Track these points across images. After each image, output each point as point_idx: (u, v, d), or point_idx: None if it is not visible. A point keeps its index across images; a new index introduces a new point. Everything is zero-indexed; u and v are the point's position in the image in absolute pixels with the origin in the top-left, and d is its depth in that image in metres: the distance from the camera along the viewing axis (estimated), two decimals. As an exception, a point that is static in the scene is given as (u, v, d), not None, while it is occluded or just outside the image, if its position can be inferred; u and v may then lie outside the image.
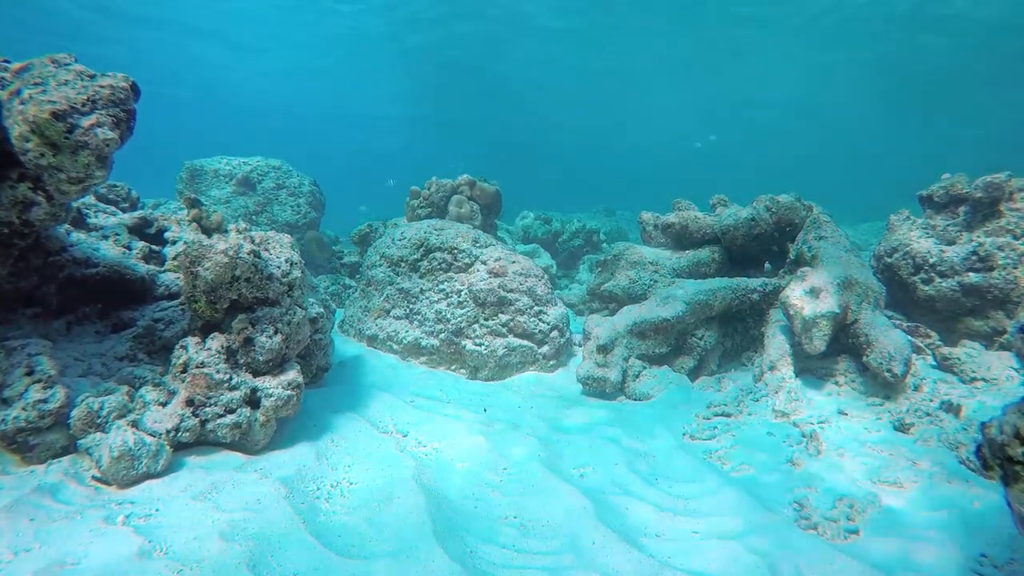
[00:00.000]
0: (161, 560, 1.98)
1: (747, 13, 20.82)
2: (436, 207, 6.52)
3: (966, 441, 3.14)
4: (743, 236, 5.37)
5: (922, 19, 20.46)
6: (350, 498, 2.63)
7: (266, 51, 27.45)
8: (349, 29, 24.28)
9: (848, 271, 4.28)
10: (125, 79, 2.67)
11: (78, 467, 2.48)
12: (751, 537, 2.46)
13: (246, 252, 2.89)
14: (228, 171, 8.45)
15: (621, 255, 5.79)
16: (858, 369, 4.08)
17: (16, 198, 2.58)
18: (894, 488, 2.91)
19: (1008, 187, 4.63)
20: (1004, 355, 4.09)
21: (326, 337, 3.78)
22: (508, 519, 2.63)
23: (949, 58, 23.99)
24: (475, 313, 4.68)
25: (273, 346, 2.95)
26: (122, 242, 3.65)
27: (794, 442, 3.43)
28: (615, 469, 3.14)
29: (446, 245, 4.89)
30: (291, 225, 8.22)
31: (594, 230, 10.17)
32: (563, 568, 2.25)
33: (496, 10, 21.62)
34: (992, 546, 2.36)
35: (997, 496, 2.61)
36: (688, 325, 4.66)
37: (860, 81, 27.97)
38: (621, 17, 21.92)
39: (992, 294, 4.51)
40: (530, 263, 5.05)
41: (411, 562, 2.13)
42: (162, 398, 2.76)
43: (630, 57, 26.16)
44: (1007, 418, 1.75)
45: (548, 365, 4.80)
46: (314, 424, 3.25)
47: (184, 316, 3.27)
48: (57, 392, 2.51)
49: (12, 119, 2.47)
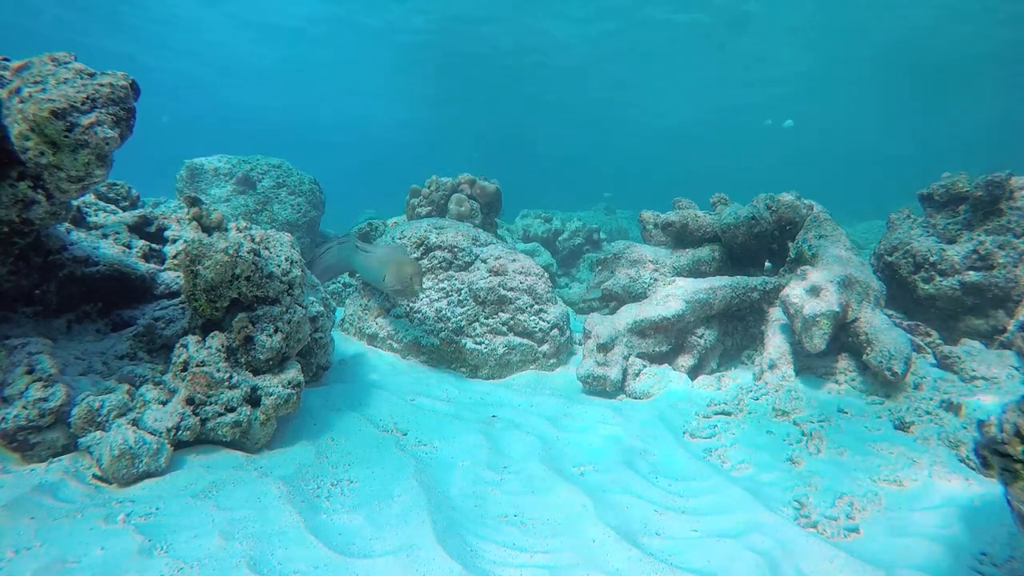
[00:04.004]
0: (161, 558, 1.98)
1: (746, 9, 20.80)
2: (436, 205, 6.51)
3: (966, 439, 3.14)
4: (743, 234, 5.36)
5: (923, 17, 20.43)
6: (350, 496, 2.63)
7: (266, 50, 27.44)
8: (348, 24, 24.25)
9: (848, 270, 4.27)
10: (125, 77, 2.66)
11: (78, 465, 2.48)
12: (751, 535, 2.46)
13: (246, 250, 2.89)
14: (228, 170, 8.44)
15: (621, 254, 5.79)
16: (858, 368, 4.08)
17: (16, 196, 2.58)
18: (894, 486, 2.91)
19: (1009, 185, 4.63)
20: (1004, 353, 4.09)
21: (326, 335, 3.78)
22: (508, 517, 2.63)
23: (950, 57, 23.97)
24: (475, 311, 4.68)
25: (273, 345, 2.95)
26: (122, 241, 3.65)
27: (794, 440, 3.44)
28: (615, 467, 3.14)
29: (446, 244, 4.89)
30: (291, 223, 8.21)
31: (594, 228, 10.17)
32: (563, 566, 2.25)
33: (497, 7, 21.60)
34: (992, 544, 2.36)
35: (997, 494, 2.62)
36: (688, 323, 4.66)
37: (860, 79, 27.95)
38: (622, 16, 21.90)
39: (992, 292, 4.51)
40: (530, 261, 5.05)
41: (412, 560, 2.13)
42: (162, 397, 2.76)
43: (630, 56, 26.13)
44: (1007, 416, 1.75)
45: (548, 363, 4.80)
46: (314, 422, 3.25)
47: (184, 314, 3.27)
48: (57, 390, 2.51)
49: (11, 117, 2.46)
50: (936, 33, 21.78)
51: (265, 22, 24.75)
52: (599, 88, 31.86)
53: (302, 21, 24.64)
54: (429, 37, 25.32)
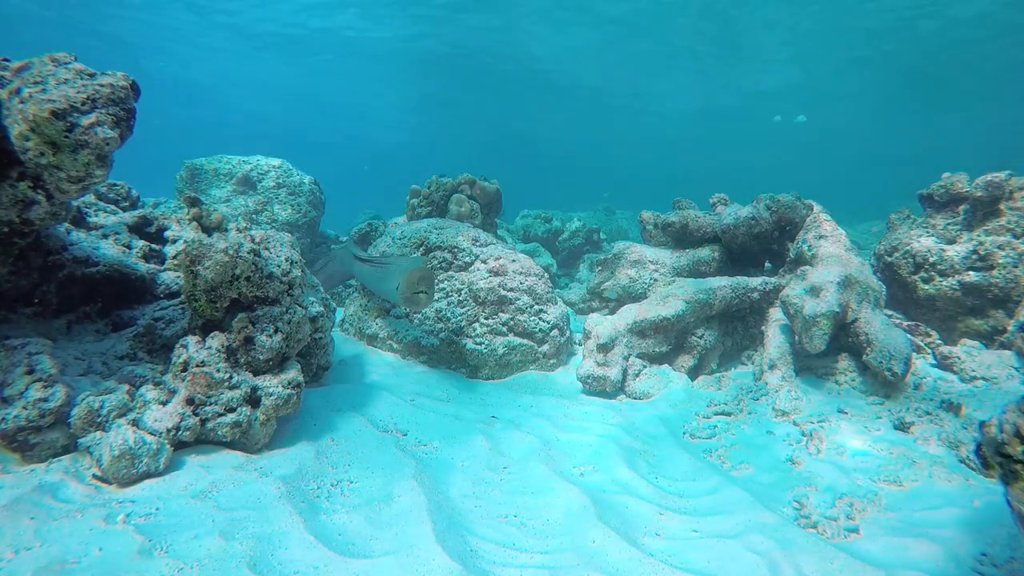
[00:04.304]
0: (161, 559, 1.98)
1: (748, 10, 20.81)
2: (436, 206, 6.51)
3: (966, 440, 3.14)
4: (743, 235, 5.37)
5: (922, 16, 20.44)
6: (350, 497, 2.63)
7: (266, 50, 27.45)
8: (349, 25, 24.25)
9: (848, 270, 4.28)
10: (125, 78, 2.66)
11: (78, 466, 2.48)
12: (751, 536, 2.46)
13: (246, 251, 2.89)
14: (228, 170, 8.44)
15: (621, 254, 5.79)
16: (858, 368, 4.08)
17: (16, 197, 2.58)
18: (894, 487, 2.91)
19: (1008, 186, 4.63)
20: (1004, 354, 4.09)
21: (326, 336, 3.78)
22: (508, 518, 2.63)
23: (950, 56, 23.98)
24: (475, 312, 4.68)
25: (273, 345, 2.95)
26: (122, 241, 3.65)
27: (794, 441, 3.44)
28: (615, 468, 3.14)
29: (446, 244, 4.89)
30: (291, 224, 8.21)
31: (594, 229, 10.17)
32: (563, 567, 2.25)
33: (497, 6, 21.61)
34: (992, 545, 2.36)
35: (997, 495, 2.62)
36: (688, 324, 4.66)
37: (859, 79, 27.95)
38: (622, 15, 21.91)
39: (992, 293, 4.51)
40: (530, 262, 5.05)
41: (411, 561, 2.13)
42: (162, 397, 2.75)
43: (630, 56, 26.14)
44: (1007, 417, 1.75)
45: (548, 364, 4.80)
46: (314, 423, 3.25)
47: (184, 315, 3.27)
48: (57, 391, 2.51)
49: (12, 118, 2.46)
50: (936, 33, 21.82)
51: (264, 31, 24.90)
52: (599, 88, 31.87)
53: (302, 30, 24.76)
54: (428, 42, 25.38)
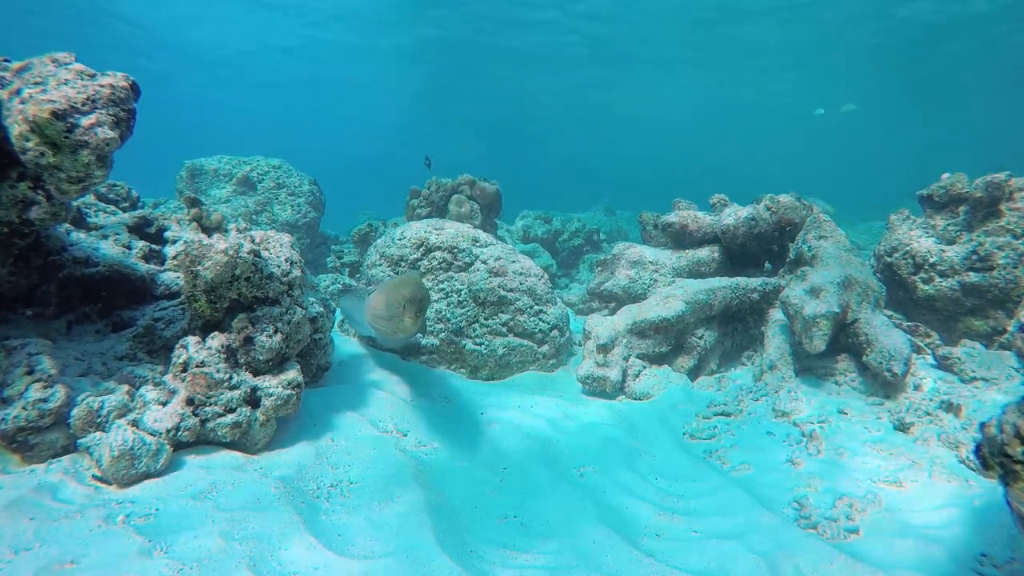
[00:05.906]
0: (161, 559, 1.98)
1: (747, 9, 20.82)
2: (436, 206, 6.52)
3: (966, 440, 3.14)
4: (743, 236, 5.37)
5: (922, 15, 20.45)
6: (350, 497, 2.62)
7: (265, 49, 27.48)
8: (348, 24, 24.27)
9: (848, 270, 4.28)
10: (125, 78, 2.67)
11: (78, 466, 2.48)
12: (751, 536, 2.46)
13: (246, 251, 2.89)
14: (228, 170, 8.46)
15: (621, 254, 5.79)
16: (858, 368, 4.08)
17: (16, 197, 2.58)
18: (894, 487, 2.91)
19: (1008, 187, 4.63)
20: (1004, 354, 4.09)
21: (326, 336, 3.78)
22: (508, 519, 2.63)
23: (950, 55, 23.98)
24: (475, 312, 4.68)
25: (273, 345, 2.95)
26: (122, 241, 3.65)
27: (794, 441, 3.43)
28: (615, 469, 3.14)
29: (446, 244, 4.89)
30: (291, 224, 8.22)
31: (594, 229, 10.17)
32: (563, 567, 2.25)
33: (498, 6, 21.63)
34: (992, 546, 2.36)
35: (997, 495, 2.61)
36: (688, 324, 4.66)
37: (859, 79, 27.96)
38: (623, 14, 21.92)
39: (992, 293, 4.51)
40: (530, 262, 5.05)
41: (411, 562, 2.13)
42: (162, 397, 2.75)
43: (631, 55, 26.15)
44: (1007, 417, 1.74)
45: (548, 364, 4.80)
46: (314, 423, 3.25)
47: (184, 315, 3.26)
48: (57, 391, 2.51)
49: (12, 118, 2.46)
50: (936, 33, 21.82)
51: (264, 38, 24.99)
52: (599, 89, 31.88)
53: (302, 39, 24.84)
54: (428, 44, 25.41)
